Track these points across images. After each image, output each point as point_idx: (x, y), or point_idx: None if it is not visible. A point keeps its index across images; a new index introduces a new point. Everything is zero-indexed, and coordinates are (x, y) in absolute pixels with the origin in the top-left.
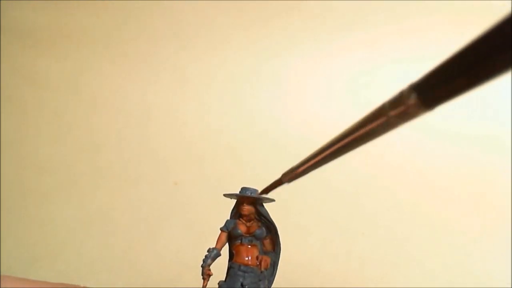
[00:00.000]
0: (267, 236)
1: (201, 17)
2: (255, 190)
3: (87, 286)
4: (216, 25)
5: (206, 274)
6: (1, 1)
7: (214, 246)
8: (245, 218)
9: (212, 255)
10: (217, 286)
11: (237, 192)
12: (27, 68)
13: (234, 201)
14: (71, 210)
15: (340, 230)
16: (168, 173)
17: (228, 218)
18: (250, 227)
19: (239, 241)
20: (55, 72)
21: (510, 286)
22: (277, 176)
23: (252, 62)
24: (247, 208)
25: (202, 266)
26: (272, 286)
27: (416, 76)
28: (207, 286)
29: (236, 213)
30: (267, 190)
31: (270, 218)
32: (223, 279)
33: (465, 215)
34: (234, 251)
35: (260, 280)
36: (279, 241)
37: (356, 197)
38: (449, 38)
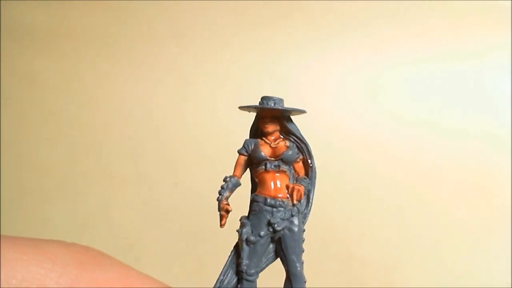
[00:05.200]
0: (299, 158)
1: (203, 17)
2: (281, 100)
3: None
4: (218, 26)
5: (224, 210)
6: (1, 1)
7: (231, 174)
8: (268, 136)
9: (230, 185)
10: (238, 223)
11: (257, 104)
12: (27, 68)
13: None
14: (71, 210)
15: (340, 230)
16: (168, 173)
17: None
18: (276, 148)
19: (263, 167)
20: (54, 72)
21: (510, 286)
22: None
23: (254, 64)
24: (270, 124)
25: (218, 199)
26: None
27: (425, 77)
28: (225, 224)
29: (257, 130)
30: None
31: (301, 135)
32: (245, 215)
33: (465, 215)
34: (257, 180)
35: (293, 216)
36: (314, 163)
37: (356, 197)
38: (457, 40)
